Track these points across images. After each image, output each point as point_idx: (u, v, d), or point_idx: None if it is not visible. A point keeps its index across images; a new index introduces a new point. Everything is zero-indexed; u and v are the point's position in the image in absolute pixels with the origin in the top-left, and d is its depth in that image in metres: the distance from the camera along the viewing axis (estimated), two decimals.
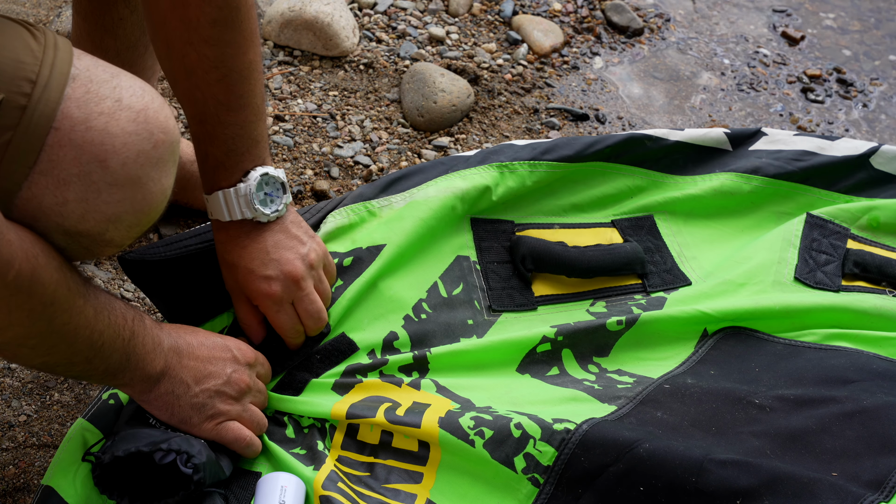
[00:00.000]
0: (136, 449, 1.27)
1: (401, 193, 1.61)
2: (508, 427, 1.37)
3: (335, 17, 2.09)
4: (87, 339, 1.20)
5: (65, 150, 1.12)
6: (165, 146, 1.17)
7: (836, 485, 1.29)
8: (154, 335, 1.28)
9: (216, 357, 1.34)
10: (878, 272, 1.67)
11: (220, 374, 1.34)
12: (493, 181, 1.66)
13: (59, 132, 1.12)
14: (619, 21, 2.31)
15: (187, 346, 1.32)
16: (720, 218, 1.76)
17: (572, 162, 1.71)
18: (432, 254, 1.59)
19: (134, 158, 1.14)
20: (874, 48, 2.36)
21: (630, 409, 1.43)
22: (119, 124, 1.13)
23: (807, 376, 1.48)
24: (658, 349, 1.55)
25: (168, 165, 1.18)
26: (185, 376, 1.31)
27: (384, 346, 1.50)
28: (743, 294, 1.61)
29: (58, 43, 1.15)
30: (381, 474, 1.38)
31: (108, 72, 1.16)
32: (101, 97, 1.14)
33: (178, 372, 1.31)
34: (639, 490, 1.31)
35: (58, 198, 1.13)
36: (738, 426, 1.39)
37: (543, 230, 1.67)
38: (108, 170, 1.13)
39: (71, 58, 1.14)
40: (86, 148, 1.12)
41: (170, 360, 1.30)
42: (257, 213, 1.38)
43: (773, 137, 1.82)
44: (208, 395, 1.33)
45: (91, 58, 1.17)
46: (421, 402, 1.43)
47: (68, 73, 1.13)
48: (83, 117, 1.12)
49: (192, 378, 1.32)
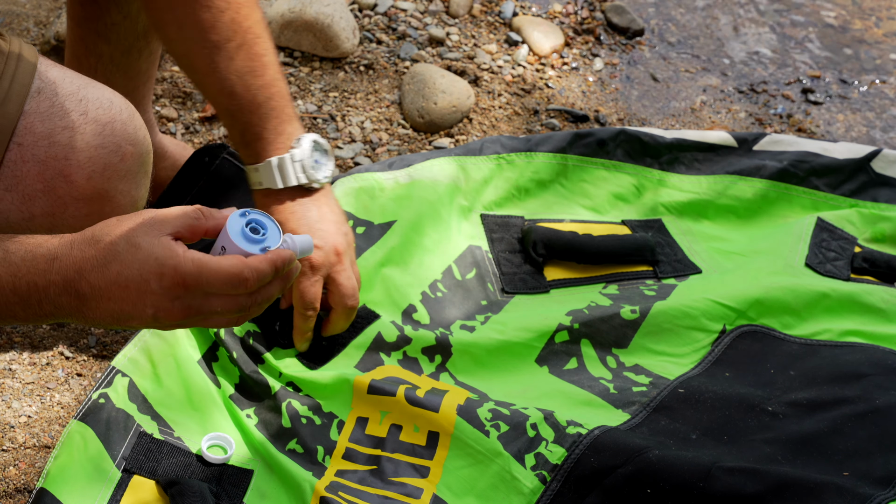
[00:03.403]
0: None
1: (404, 169, 1.66)
2: (524, 425, 1.38)
3: (335, 19, 2.09)
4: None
5: (28, 165, 1.10)
6: (134, 158, 1.15)
7: (844, 487, 1.30)
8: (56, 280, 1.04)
9: (130, 296, 1.04)
10: (886, 266, 1.68)
11: (137, 314, 1.05)
12: (491, 173, 1.71)
13: (22, 148, 1.09)
14: (620, 22, 2.31)
15: (91, 290, 1.04)
16: (727, 220, 1.77)
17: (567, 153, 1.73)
18: (444, 240, 1.63)
19: (100, 172, 1.12)
20: (875, 47, 2.36)
21: (643, 417, 1.43)
22: (84, 138, 1.11)
23: (821, 375, 1.49)
24: (675, 344, 1.55)
25: (138, 177, 1.16)
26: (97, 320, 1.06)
27: (404, 316, 1.54)
28: (754, 278, 1.61)
29: (22, 53, 1.12)
30: (389, 468, 1.39)
31: (76, 83, 1.14)
32: (66, 111, 1.11)
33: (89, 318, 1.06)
34: (645, 492, 1.32)
35: (24, 213, 1.11)
36: (750, 434, 1.40)
37: (554, 224, 1.69)
38: (73, 185, 1.11)
39: (34, 70, 1.12)
40: (49, 163, 1.10)
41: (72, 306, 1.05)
42: (312, 179, 1.39)
43: (776, 138, 1.83)
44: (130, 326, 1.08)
45: (59, 69, 1.15)
46: (440, 389, 1.45)
47: (29, 86, 1.11)
48: (46, 132, 1.10)
49: (111, 320, 1.07)
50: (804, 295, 1.59)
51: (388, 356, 1.49)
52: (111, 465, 1.36)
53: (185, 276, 1.01)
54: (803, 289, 1.59)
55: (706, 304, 1.57)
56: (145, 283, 1.01)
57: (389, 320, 1.52)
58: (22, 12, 2.12)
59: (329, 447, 1.41)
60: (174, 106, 1.98)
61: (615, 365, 1.53)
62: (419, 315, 1.54)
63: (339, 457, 1.40)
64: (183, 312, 1.04)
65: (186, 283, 1.02)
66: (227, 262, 1.03)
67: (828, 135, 2.13)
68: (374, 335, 1.51)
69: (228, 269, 1.02)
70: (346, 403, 1.44)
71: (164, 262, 1.01)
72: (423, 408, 1.41)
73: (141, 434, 1.40)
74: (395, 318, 1.54)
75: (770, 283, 1.59)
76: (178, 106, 1.98)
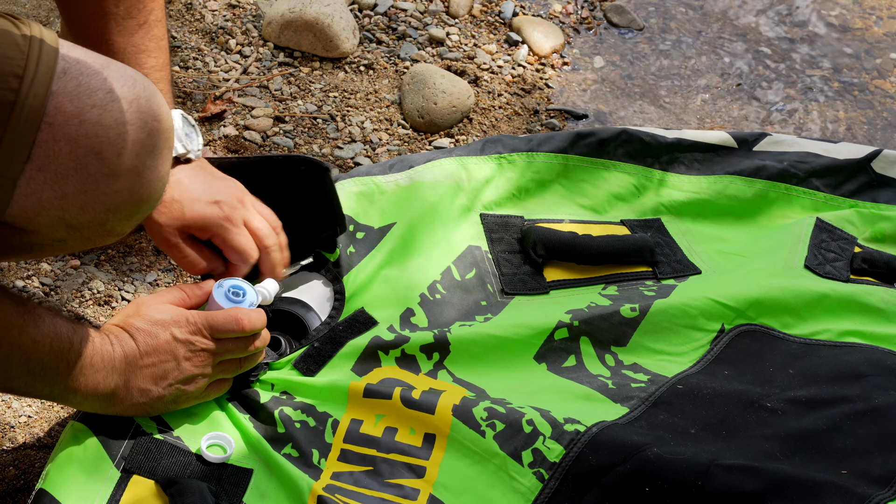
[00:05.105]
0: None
1: (405, 171, 1.66)
2: (520, 422, 1.38)
3: (335, 19, 2.09)
4: (24, 366, 1.24)
5: (60, 144, 1.12)
6: (159, 134, 1.18)
7: (842, 486, 1.30)
8: (103, 352, 1.32)
9: (161, 349, 1.36)
10: (886, 267, 1.68)
11: (173, 368, 1.36)
12: (492, 173, 1.70)
13: (53, 127, 1.12)
14: (620, 22, 2.31)
15: (133, 352, 1.35)
16: (726, 221, 1.77)
17: (568, 153, 1.73)
18: (444, 241, 1.63)
19: (129, 148, 1.15)
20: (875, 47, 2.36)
21: (642, 411, 1.43)
22: (112, 115, 1.14)
23: (820, 374, 1.49)
24: (674, 343, 1.55)
25: (163, 153, 1.19)
26: (142, 384, 1.36)
27: (402, 321, 1.54)
28: (753, 279, 1.61)
29: (43, 35, 1.15)
30: (385, 469, 1.39)
31: (99, 62, 1.17)
32: (93, 89, 1.14)
33: (135, 383, 1.36)
34: (644, 491, 1.32)
35: (57, 192, 1.13)
36: (749, 430, 1.40)
37: (553, 224, 1.69)
38: (104, 161, 1.14)
39: (57, 50, 1.14)
40: (81, 141, 1.13)
41: (125, 374, 1.35)
42: (188, 149, 1.42)
43: (776, 138, 1.83)
44: (174, 388, 1.37)
45: (80, 49, 1.17)
46: (437, 388, 1.45)
47: (55, 67, 1.13)
48: (76, 111, 1.13)
49: (152, 381, 1.36)
50: (804, 295, 1.59)
51: (385, 355, 1.49)
52: (110, 464, 1.36)
53: (196, 322, 1.36)
54: (803, 289, 1.59)
55: (705, 303, 1.57)
56: (169, 338, 1.35)
57: (387, 326, 1.53)
58: (22, 12, 2.12)
59: (324, 449, 1.41)
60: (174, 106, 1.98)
61: (614, 363, 1.53)
62: (417, 319, 1.54)
63: (334, 459, 1.40)
64: (203, 358, 1.37)
65: (199, 328, 1.36)
66: (225, 311, 1.38)
67: (828, 134, 2.13)
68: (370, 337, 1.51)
69: (227, 314, 1.38)
70: (341, 406, 1.44)
71: (177, 318, 1.36)
72: (418, 410, 1.40)
73: (140, 434, 1.39)
74: (392, 323, 1.54)
75: (769, 284, 1.59)
76: (178, 106, 1.98)
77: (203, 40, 2.11)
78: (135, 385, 1.35)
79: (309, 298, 1.56)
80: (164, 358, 1.35)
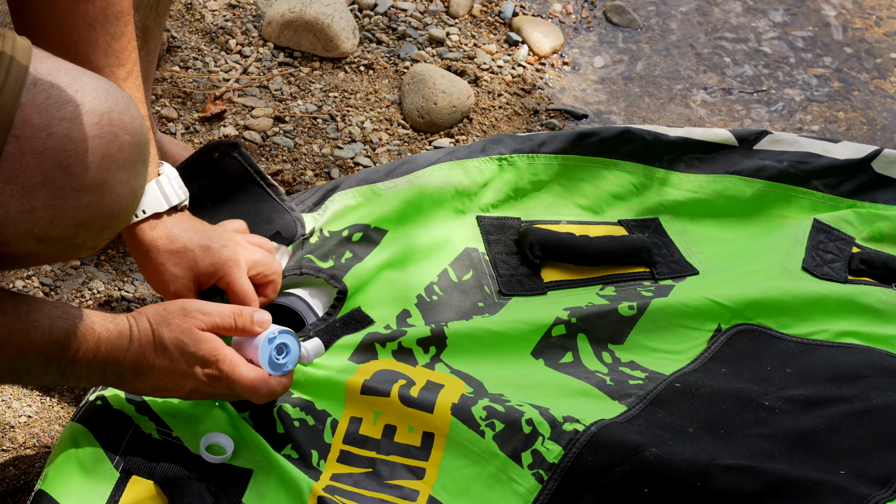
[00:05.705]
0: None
1: (405, 176, 1.66)
2: (520, 422, 1.38)
3: (335, 19, 2.09)
4: None
5: (27, 157, 1.10)
6: (132, 147, 1.15)
7: (841, 486, 1.30)
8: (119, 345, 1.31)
9: (175, 372, 1.35)
10: (884, 267, 1.68)
11: (175, 389, 1.36)
12: (492, 175, 1.70)
13: (20, 140, 1.10)
14: (620, 22, 2.31)
15: (147, 368, 1.34)
16: (725, 221, 1.77)
17: (569, 154, 1.73)
18: (441, 243, 1.63)
19: (98, 162, 1.12)
20: (875, 46, 2.36)
21: (640, 409, 1.43)
22: (81, 128, 1.11)
23: (817, 374, 1.49)
24: (671, 341, 1.55)
25: (136, 166, 1.16)
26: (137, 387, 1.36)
27: (398, 321, 1.54)
28: (751, 281, 1.61)
29: (15, 45, 1.13)
30: (384, 470, 1.39)
31: (71, 74, 1.14)
32: (63, 101, 1.12)
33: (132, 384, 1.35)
34: (643, 492, 1.32)
35: (24, 205, 1.11)
36: (747, 428, 1.40)
37: (550, 226, 1.69)
38: (72, 175, 1.11)
39: (28, 61, 1.12)
40: (48, 155, 1.10)
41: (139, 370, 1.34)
42: (183, 197, 1.42)
43: (777, 137, 1.83)
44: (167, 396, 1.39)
45: (54, 60, 1.15)
46: (435, 382, 1.44)
47: (24, 77, 1.11)
48: (44, 123, 1.10)
49: (150, 389, 1.36)
50: (801, 296, 1.59)
51: (382, 347, 1.49)
52: (109, 465, 1.36)
53: (222, 377, 1.34)
54: (800, 291, 1.59)
55: (703, 302, 1.57)
56: (192, 370, 1.34)
57: (383, 325, 1.53)
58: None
59: (323, 450, 1.41)
60: (174, 106, 1.98)
61: (611, 360, 1.53)
62: (413, 319, 1.54)
63: (333, 460, 1.40)
64: (208, 393, 1.37)
65: (221, 381, 1.35)
66: (254, 375, 1.35)
67: (828, 134, 2.13)
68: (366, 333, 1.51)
69: (254, 383, 1.35)
70: (339, 403, 1.44)
71: (209, 359, 1.34)
72: (417, 408, 1.40)
73: (139, 434, 1.40)
74: (389, 322, 1.54)
75: (767, 286, 1.59)
76: (178, 106, 1.99)
77: (203, 40, 2.11)
78: (130, 385, 1.35)
79: (308, 296, 1.56)
80: (172, 379, 1.35)
